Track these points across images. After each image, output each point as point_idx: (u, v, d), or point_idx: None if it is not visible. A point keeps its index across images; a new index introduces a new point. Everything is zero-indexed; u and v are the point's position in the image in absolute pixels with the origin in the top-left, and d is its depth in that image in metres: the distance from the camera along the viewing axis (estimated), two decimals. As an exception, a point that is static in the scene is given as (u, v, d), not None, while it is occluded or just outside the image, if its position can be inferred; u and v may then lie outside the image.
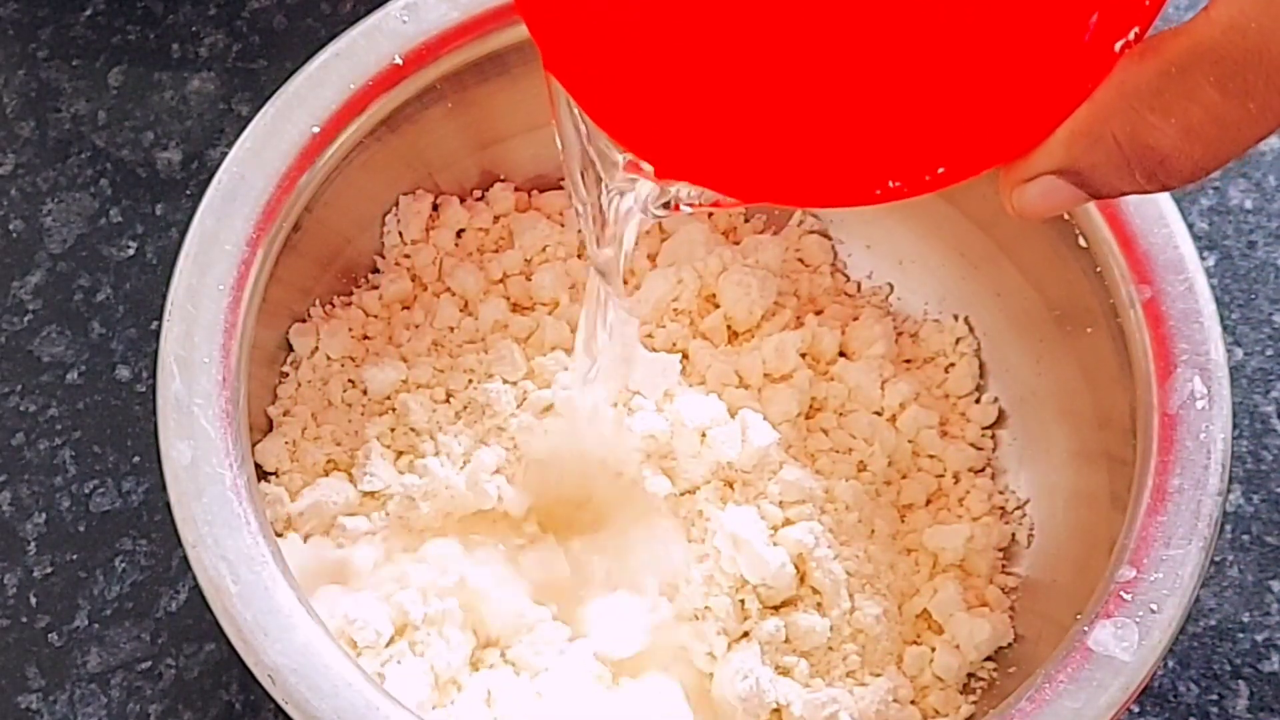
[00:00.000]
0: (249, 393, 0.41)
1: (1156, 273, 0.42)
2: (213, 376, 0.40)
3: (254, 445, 0.43)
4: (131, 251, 0.52)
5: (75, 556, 0.48)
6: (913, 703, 0.44)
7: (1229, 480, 0.40)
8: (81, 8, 0.55)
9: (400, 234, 0.48)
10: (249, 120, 0.43)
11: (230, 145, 0.43)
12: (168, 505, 0.39)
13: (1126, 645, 0.38)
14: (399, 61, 0.44)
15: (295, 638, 0.38)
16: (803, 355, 0.48)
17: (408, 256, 0.48)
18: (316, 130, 0.43)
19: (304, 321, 0.47)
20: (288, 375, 0.46)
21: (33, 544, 0.48)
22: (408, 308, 0.48)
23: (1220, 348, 0.41)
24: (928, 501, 0.47)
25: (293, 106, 0.43)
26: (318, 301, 0.47)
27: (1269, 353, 0.51)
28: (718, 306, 0.48)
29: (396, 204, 0.48)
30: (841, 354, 0.48)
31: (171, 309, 0.41)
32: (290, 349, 0.47)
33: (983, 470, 0.47)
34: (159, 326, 0.41)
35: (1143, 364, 0.41)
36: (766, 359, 0.47)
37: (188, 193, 0.53)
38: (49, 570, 0.48)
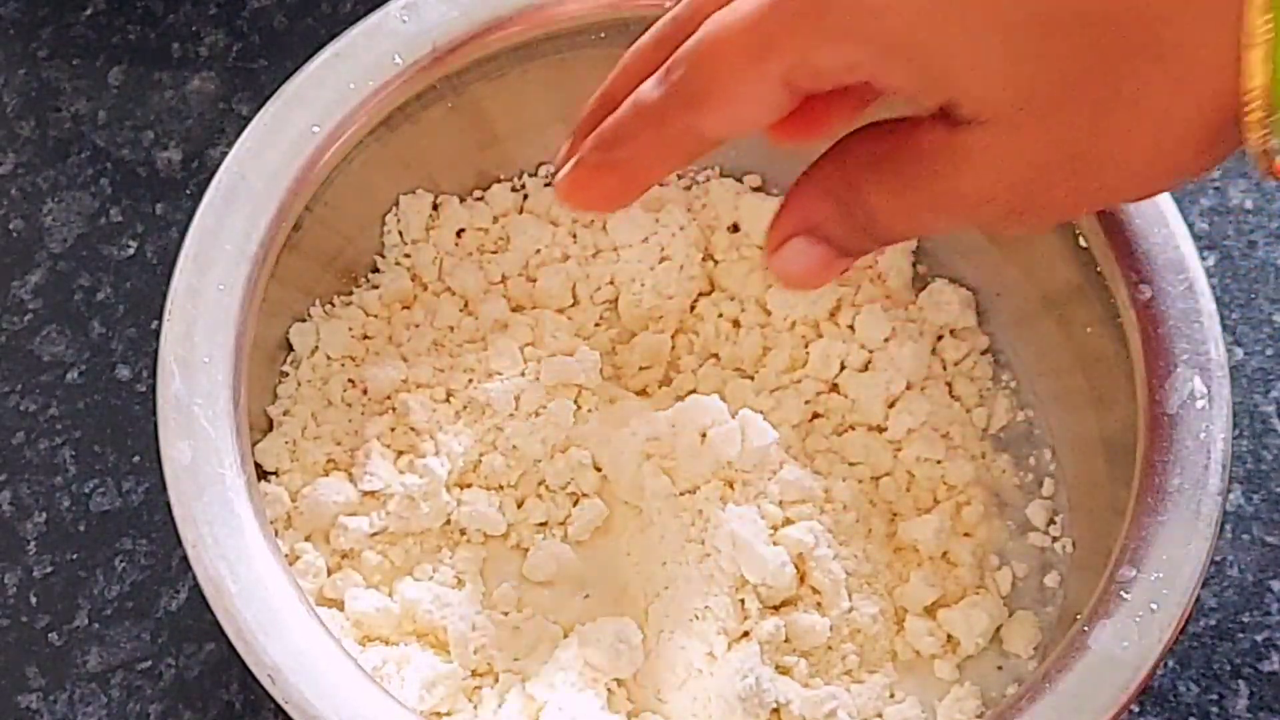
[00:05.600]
0: (249, 392, 0.41)
1: (1156, 273, 0.42)
2: (213, 376, 0.40)
3: (254, 445, 0.43)
4: (131, 251, 0.52)
5: (75, 556, 0.48)
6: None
7: (1229, 480, 0.40)
8: (81, 7, 0.55)
9: (400, 234, 0.48)
10: (249, 120, 0.43)
11: (230, 145, 0.43)
12: (168, 505, 0.39)
13: (1126, 645, 0.38)
14: (399, 61, 0.44)
15: (295, 638, 0.38)
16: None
17: (408, 256, 0.48)
18: (317, 130, 0.43)
19: (304, 321, 0.47)
20: (288, 375, 0.46)
21: (33, 544, 0.48)
22: (407, 307, 0.48)
23: (1220, 348, 0.41)
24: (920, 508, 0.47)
25: (293, 106, 0.43)
26: (318, 301, 0.47)
27: (1269, 353, 0.51)
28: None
29: (396, 204, 0.48)
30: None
31: (171, 309, 0.41)
32: (290, 349, 0.46)
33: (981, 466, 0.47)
34: (159, 326, 0.41)
35: (1143, 364, 0.41)
36: (780, 361, 0.47)
37: (188, 193, 0.53)
38: (49, 570, 0.48)
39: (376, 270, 0.48)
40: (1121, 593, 0.38)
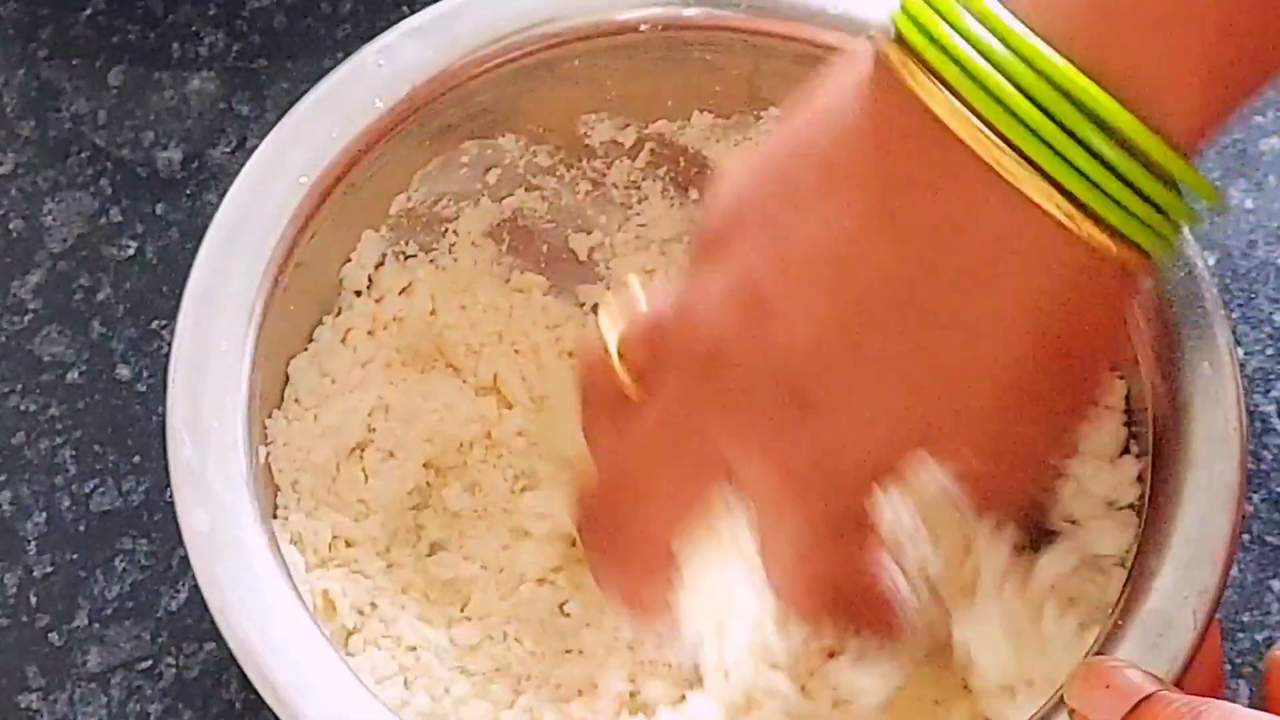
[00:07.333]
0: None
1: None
2: (223, 439, 0.39)
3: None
4: (131, 251, 0.52)
5: (75, 556, 0.48)
6: None
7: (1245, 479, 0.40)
8: (81, 7, 0.55)
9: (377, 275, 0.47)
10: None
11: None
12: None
13: (1138, 655, 0.37)
14: (380, 105, 0.43)
15: (329, 698, 0.37)
16: None
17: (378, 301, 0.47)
18: (304, 181, 0.42)
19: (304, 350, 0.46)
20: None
21: (33, 543, 0.48)
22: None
23: (1227, 335, 0.41)
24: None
25: (281, 154, 0.42)
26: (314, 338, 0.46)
27: (1269, 352, 0.51)
28: None
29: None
30: None
31: (175, 376, 0.40)
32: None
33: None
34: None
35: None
36: None
37: (188, 192, 0.53)
38: (49, 570, 0.48)
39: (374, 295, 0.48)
40: (1131, 593, 0.38)
